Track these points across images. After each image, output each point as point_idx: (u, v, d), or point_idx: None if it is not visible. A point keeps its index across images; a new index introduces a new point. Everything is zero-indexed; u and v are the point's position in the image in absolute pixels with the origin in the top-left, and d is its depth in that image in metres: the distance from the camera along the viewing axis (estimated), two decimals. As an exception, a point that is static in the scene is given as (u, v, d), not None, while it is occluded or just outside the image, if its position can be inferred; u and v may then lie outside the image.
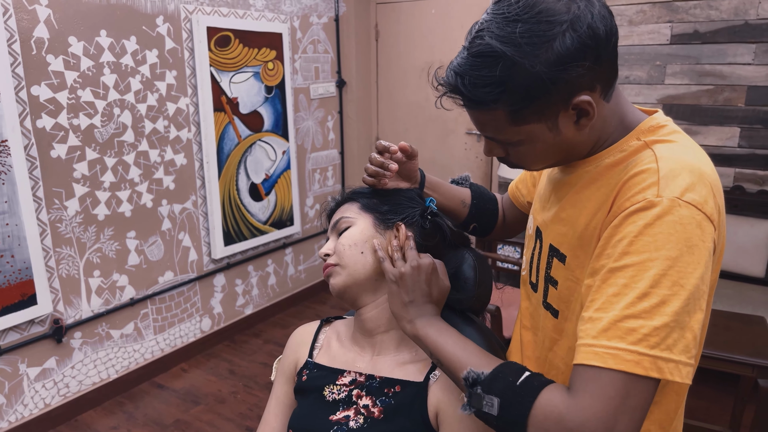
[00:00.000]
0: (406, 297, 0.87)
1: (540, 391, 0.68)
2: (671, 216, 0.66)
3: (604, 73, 0.74)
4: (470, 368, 0.74)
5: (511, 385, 0.70)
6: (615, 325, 0.66)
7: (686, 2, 2.90)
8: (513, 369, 0.73)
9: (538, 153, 0.79)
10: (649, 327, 0.65)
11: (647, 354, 0.64)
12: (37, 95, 2.20)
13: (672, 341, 0.65)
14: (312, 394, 0.97)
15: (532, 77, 0.70)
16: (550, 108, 0.73)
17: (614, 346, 0.65)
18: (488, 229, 1.20)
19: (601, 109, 0.76)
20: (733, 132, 2.90)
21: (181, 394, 2.70)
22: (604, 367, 0.65)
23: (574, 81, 0.71)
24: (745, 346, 1.88)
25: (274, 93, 3.23)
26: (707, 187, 0.70)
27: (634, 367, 0.64)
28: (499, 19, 0.72)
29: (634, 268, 0.67)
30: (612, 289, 0.68)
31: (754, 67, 2.79)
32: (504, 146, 0.81)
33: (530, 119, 0.74)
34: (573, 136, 0.77)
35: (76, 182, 2.37)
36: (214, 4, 2.84)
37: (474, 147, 3.78)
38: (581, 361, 0.67)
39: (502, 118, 0.75)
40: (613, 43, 0.73)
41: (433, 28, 3.75)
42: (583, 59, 0.70)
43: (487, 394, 0.71)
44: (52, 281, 2.34)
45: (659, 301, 0.65)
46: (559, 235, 0.84)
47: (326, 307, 3.69)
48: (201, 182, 2.92)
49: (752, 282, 2.79)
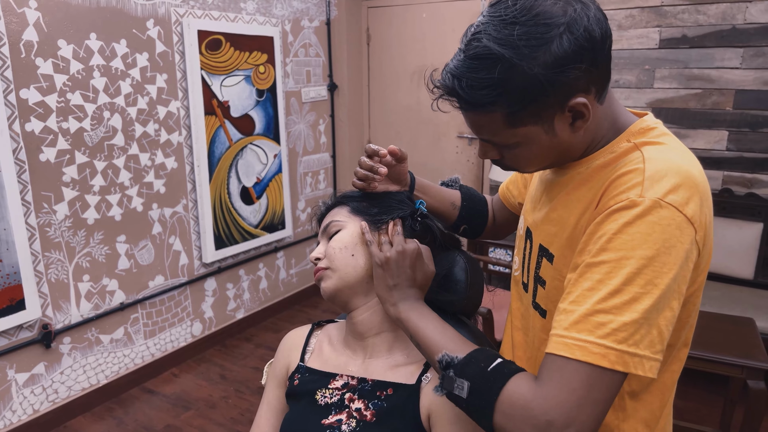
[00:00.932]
0: (391, 281, 0.88)
1: (509, 378, 0.70)
2: (651, 216, 0.68)
3: (599, 75, 0.74)
4: (445, 351, 0.76)
5: (482, 371, 0.72)
6: (586, 318, 0.68)
7: (674, 7, 2.93)
8: (486, 355, 0.75)
9: (534, 155, 0.80)
10: (618, 322, 0.66)
11: (614, 348, 0.66)
12: (26, 98, 2.18)
13: (639, 337, 0.67)
14: (304, 398, 0.97)
15: (529, 79, 0.70)
16: (546, 110, 0.74)
17: (583, 339, 0.67)
18: (478, 231, 1.21)
19: (596, 111, 0.77)
20: (721, 135, 2.93)
21: (171, 399, 2.68)
22: (572, 357, 0.67)
23: (570, 83, 0.71)
24: (734, 348, 1.90)
25: (266, 96, 3.22)
26: (692, 189, 0.71)
27: (600, 360, 0.66)
28: (496, 21, 0.72)
29: (609, 265, 0.68)
30: (587, 284, 0.70)
31: (741, 71, 2.83)
32: (499, 149, 0.82)
33: (527, 121, 0.75)
34: (568, 138, 0.77)
35: (65, 186, 2.35)
36: (204, 8, 2.84)
37: (465, 150, 3.79)
38: (551, 351, 0.69)
39: (499, 120, 0.76)
40: (608, 45, 0.74)
41: (424, 32, 3.76)
42: (579, 62, 0.70)
43: (459, 377, 0.73)
44: (41, 286, 2.31)
45: (630, 298, 0.67)
46: (549, 235, 0.85)
47: (318, 311, 3.68)
48: (192, 186, 2.90)
49: (741, 284, 2.82)
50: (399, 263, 0.88)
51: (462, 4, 3.58)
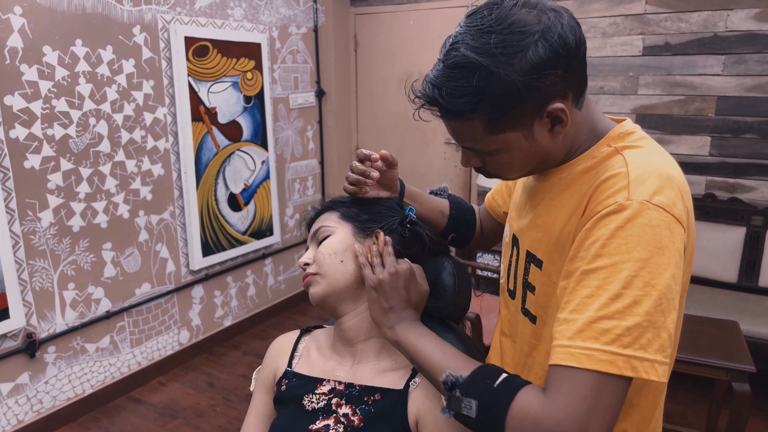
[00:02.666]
0: (386, 303, 0.88)
1: (517, 392, 0.70)
2: (641, 218, 0.68)
3: (575, 81, 0.76)
4: (449, 372, 0.76)
5: (488, 388, 0.71)
6: (589, 326, 0.68)
7: (657, 15, 2.97)
8: (491, 371, 0.74)
9: (515, 161, 0.81)
10: (621, 327, 0.66)
11: (620, 353, 0.66)
12: (11, 105, 2.16)
13: (646, 341, 0.66)
14: (291, 403, 0.97)
15: (507, 86, 0.72)
16: (525, 116, 0.75)
17: (589, 347, 0.67)
18: (466, 240, 1.22)
19: (574, 116, 0.78)
20: (704, 141, 2.97)
21: (158, 408, 2.66)
22: (579, 367, 0.67)
23: (547, 89, 0.73)
24: (719, 351, 1.92)
25: (253, 103, 3.22)
26: (675, 189, 0.72)
27: (608, 367, 0.66)
28: (473, 31, 0.73)
29: (606, 270, 0.69)
30: (586, 291, 0.70)
31: (723, 77, 2.87)
32: (481, 156, 0.83)
33: (506, 128, 0.76)
34: (548, 144, 0.79)
35: (50, 193, 2.33)
36: (191, 14, 2.83)
37: (453, 156, 3.81)
38: (556, 362, 0.69)
39: (479, 127, 0.77)
40: (582, 52, 0.76)
41: (411, 38, 3.79)
42: (555, 68, 0.72)
43: (466, 396, 0.72)
44: (25, 294, 2.29)
45: (631, 301, 0.67)
46: (535, 241, 0.86)
47: (307, 317, 3.67)
48: (179, 192, 2.89)
49: (725, 287, 2.86)
50: (392, 285, 0.88)
51: (448, 12, 3.61)
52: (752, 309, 2.59)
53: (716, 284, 2.88)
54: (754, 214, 2.83)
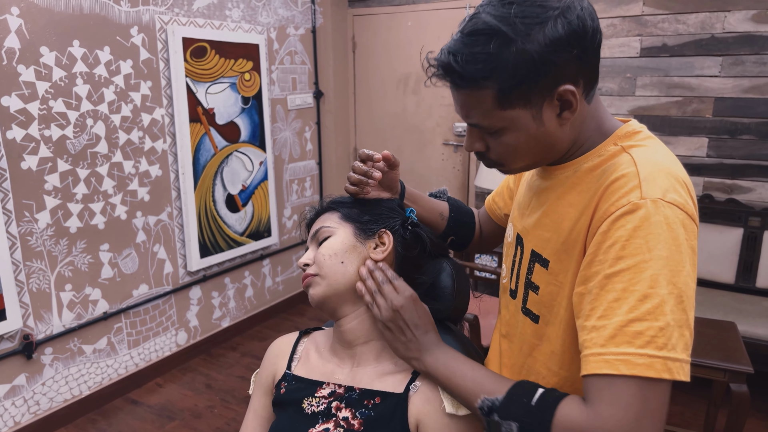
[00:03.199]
0: (403, 337, 0.87)
1: (556, 407, 0.68)
2: (657, 216, 0.68)
3: (588, 70, 0.76)
4: (483, 397, 0.75)
5: (526, 407, 0.70)
6: (621, 330, 0.66)
7: (655, 17, 2.98)
8: (526, 389, 0.73)
9: (520, 145, 0.79)
10: (654, 328, 0.65)
11: (657, 356, 0.65)
12: (7, 106, 2.16)
13: (675, 340, 0.66)
14: (290, 406, 0.96)
15: (522, 56, 0.71)
16: (536, 94, 0.74)
17: (624, 352, 0.65)
18: (465, 243, 1.22)
19: (582, 108, 0.78)
20: (701, 142, 2.98)
21: (156, 409, 2.65)
22: (617, 374, 0.65)
23: (561, 68, 0.73)
24: (717, 352, 1.92)
25: (251, 104, 3.21)
26: (684, 187, 0.72)
27: (647, 371, 0.64)
28: (495, 1, 0.74)
29: (630, 272, 0.67)
30: (612, 295, 0.68)
31: (720, 79, 2.88)
32: (486, 138, 0.81)
33: (516, 104, 0.75)
34: (554, 131, 0.78)
35: (47, 194, 2.32)
36: (189, 15, 2.83)
37: (451, 157, 3.81)
38: (592, 371, 0.67)
39: (489, 100, 0.75)
40: (598, 41, 0.76)
41: (409, 39, 3.79)
42: (571, 47, 0.72)
43: (505, 420, 0.71)
44: (22, 296, 2.28)
45: (660, 301, 0.66)
46: (541, 240, 0.85)
47: (305, 318, 3.66)
48: (176, 194, 2.88)
49: (722, 288, 2.86)
50: (403, 317, 0.87)
51: (446, 12, 3.61)
52: (750, 310, 2.59)
53: (714, 285, 2.88)
54: (752, 215, 2.83)
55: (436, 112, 3.79)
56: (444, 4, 3.61)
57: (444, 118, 3.78)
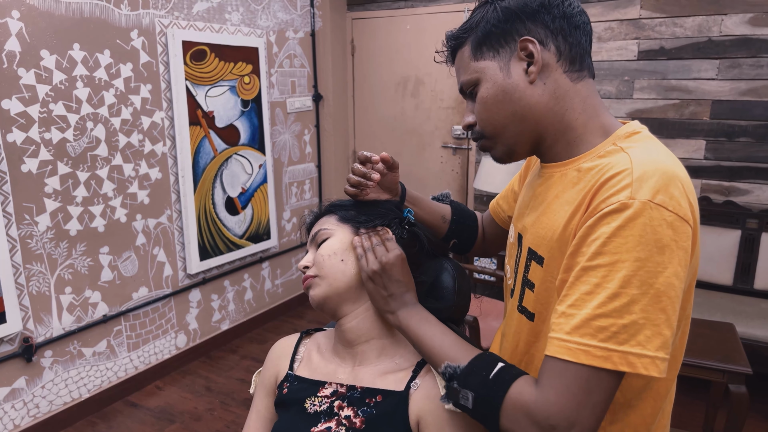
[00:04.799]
0: (384, 291, 0.92)
1: (511, 384, 0.73)
2: (642, 218, 0.69)
3: (562, 41, 0.82)
4: (447, 362, 0.80)
5: (484, 380, 0.75)
6: (587, 323, 0.70)
7: (652, 20, 3.00)
8: (487, 361, 0.77)
9: (489, 99, 0.85)
10: (618, 325, 0.68)
11: (616, 350, 0.68)
12: (8, 109, 2.16)
13: (644, 338, 0.68)
14: (293, 407, 0.97)
15: (494, 12, 0.84)
16: (503, 45, 0.84)
17: (586, 343, 0.69)
18: (468, 246, 1.22)
19: (561, 79, 0.83)
20: (699, 145, 2.99)
21: (155, 412, 2.65)
22: (575, 361, 0.69)
23: (528, 26, 0.82)
24: (716, 353, 1.93)
25: (251, 107, 3.22)
26: (679, 188, 0.72)
27: (604, 362, 0.68)
28: None
29: (605, 269, 0.70)
30: (585, 287, 0.71)
31: (717, 81, 2.90)
32: (472, 102, 0.89)
33: (486, 54, 0.85)
34: (525, 87, 0.83)
35: (47, 197, 2.33)
36: (189, 19, 2.84)
37: (450, 160, 3.82)
38: (554, 354, 0.71)
39: (467, 54, 0.87)
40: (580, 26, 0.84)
41: (408, 43, 3.80)
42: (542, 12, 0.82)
43: (463, 388, 0.76)
44: (22, 298, 2.28)
45: (629, 300, 0.68)
46: (538, 237, 0.86)
47: (304, 321, 3.67)
48: (176, 196, 2.89)
49: (720, 290, 2.87)
50: (387, 273, 0.91)
51: (445, 16, 3.63)
52: (748, 311, 2.60)
53: (712, 287, 2.89)
54: (749, 217, 2.85)
55: (435, 115, 3.81)
56: (442, 7, 3.62)
57: (443, 121, 3.79)
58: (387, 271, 0.90)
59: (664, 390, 0.83)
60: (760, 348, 2.44)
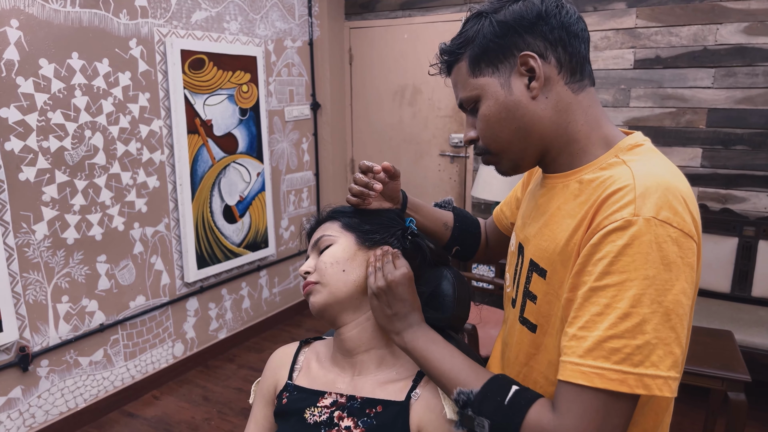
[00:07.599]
0: (389, 310, 0.90)
1: (527, 409, 0.71)
2: (648, 236, 0.68)
3: (562, 53, 0.81)
4: (459, 388, 0.77)
5: (499, 405, 0.73)
6: (599, 345, 0.68)
7: (648, 29, 3.02)
8: (500, 385, 0.75)
9: (492, 117, 0.83)
10: (632, 346, 0.67)
11: (632, 372, 0.67)
12: (6, 117, 2.16)
13: (657, 358, 0.67)
14: (293, 417, 0.96)
15: (490, 26, 0.82)
16: (502, 61, 0.82)
17: (600, 366, 0.68)
18: (471, 253, 1.22)
19: (563, 92, 0.82)
20: (695, 153, 3.01)
21: (152, 422, 2.63)
22: (590, 386, 0.68)
23: (527, 40, 0.80)
24: (715, 360, 1.93)
25: (249, 115, 3.23)
26: (683, 203, 0.72)
27: (619, 386, 0.67)
28: None
29: (614, 288, 0.69)
30: (595, 309, 0.70)
31: (713, 90, 2.92)
32: (473, 119, 0.87)
33: (485, 71, 0.83)
34: (527, 103, 0.81)
35: (44, 205, 2.32)
36: (188, 28, 2.85)
37: (447, 168, 3.83)
38: (568, 379, 0.70)
39: (465, 69, 0.85)
40: (578, 34, 0.82)
41: (405, 52, 3.82)
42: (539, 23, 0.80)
43: (478, 416, 0.74)
44: (19, 307, 2.27)
45: (640, 320, 0.67)
46: (539, 249, 0.86)
47: (302, 330, 3.65)
48: (174, 205, 2.88)
49: (718, 297, 2.88)
50: (393, 290, 0.89)
51: (442, 25, 3.65)
52: (746, 319, 2.60)
53: (710, 294, 2.90)
54: (746, 224, 2.86)
55: (432, 124, 3.82)
56: (440, 17, 3.64)
57: (440, 129, 3.80)
58: (392, 289, 0.89)
59: (665, 404, 0.83)
60: (758, 355, 2.44)
